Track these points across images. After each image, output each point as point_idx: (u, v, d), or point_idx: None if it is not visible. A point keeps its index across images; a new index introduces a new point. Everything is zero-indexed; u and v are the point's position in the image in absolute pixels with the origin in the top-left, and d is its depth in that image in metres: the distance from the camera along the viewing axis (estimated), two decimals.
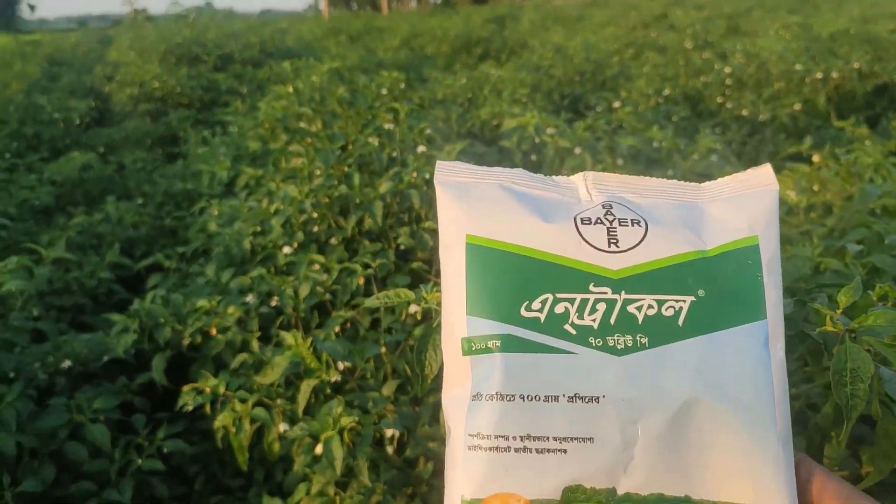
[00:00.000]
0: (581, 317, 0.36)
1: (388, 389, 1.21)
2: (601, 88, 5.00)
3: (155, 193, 3.16)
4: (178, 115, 5.02)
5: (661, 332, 0.36)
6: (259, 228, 1.89)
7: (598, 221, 0.39)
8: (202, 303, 1.58)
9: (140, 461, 1.38)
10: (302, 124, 2.38)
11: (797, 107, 3.77)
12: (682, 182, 0.42)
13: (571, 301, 0.37)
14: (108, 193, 3.26)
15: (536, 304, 0.37)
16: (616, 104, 3.74)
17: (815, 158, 1.85)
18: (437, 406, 1.12)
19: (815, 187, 1.60)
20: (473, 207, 0.40)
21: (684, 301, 0.37)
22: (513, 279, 0.37)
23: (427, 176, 1.78)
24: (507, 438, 0.35)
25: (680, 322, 0.36)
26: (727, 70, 4.35)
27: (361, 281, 1.56)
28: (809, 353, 0.63)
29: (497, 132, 2.81)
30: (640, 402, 0.35)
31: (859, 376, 0.46)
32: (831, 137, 3.05)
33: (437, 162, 0.42)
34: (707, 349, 0.36)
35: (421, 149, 2.00)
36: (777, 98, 3.97)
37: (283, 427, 1.17)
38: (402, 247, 1.71)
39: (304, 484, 1.13)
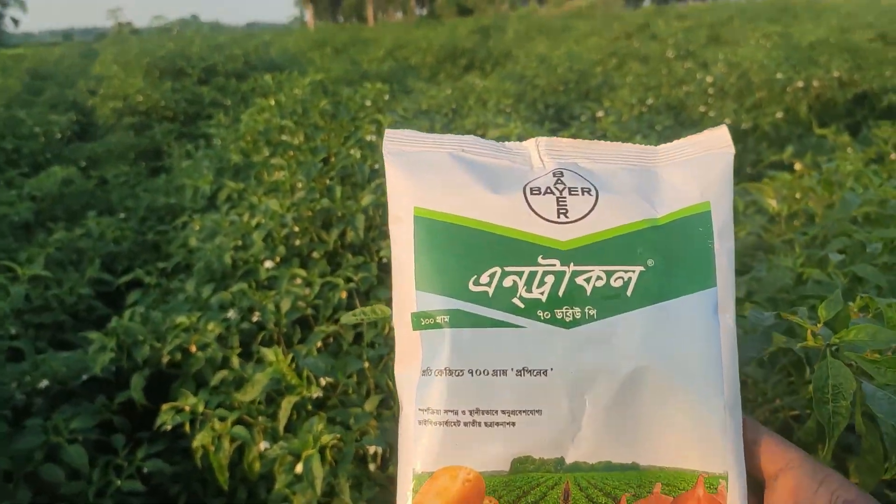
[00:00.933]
0: (529, 290, 0.36)
1: (371, 405, 1.20)
2: (585, 98, 5.03)
3: (137, 208, 3.13)
4: (162, 128, 4.99)
5: (609, 303, 0.36)
6: (240, 243, 1.87)
7: (548, 191, 0.38)
8: (182, 319, 1.55)
9: (119, 482, 1.35)
10: (284, 137, 2.37)
11: (779, 115, 3.81)
12: (638, 145, 0.42)
13: (520, 274, 0.36)
14: (90, 208, 3.23)
15: (485, 278, 0.36)
16: (600, 114, 3.76)
17: (797, 167, 1.86)
18: None
19: (798, 195, 1.61)
20: (422, 179, 0.39)
21: (633, 271, 0.37)
22: (461, 253, 0.37)
23: None
24: (456, 413, 0.35)
25: (629, 293, 0.36)
26: (709, 79, 4.38)
27: (344, 295, 1.54)
28: (792, 365, 0.62)
29: None
30: (587, 374, 0.35)
31: (841, 393, 0.45)
32: (813, 145, 3.07)
33: (386, 130, 0.41)
34: (655, 319, 0.36)
35: None
36: (759, 107, 4.00)
37: (263, 445, 1.15)
38: (384, 259, 1.69)
39: None
